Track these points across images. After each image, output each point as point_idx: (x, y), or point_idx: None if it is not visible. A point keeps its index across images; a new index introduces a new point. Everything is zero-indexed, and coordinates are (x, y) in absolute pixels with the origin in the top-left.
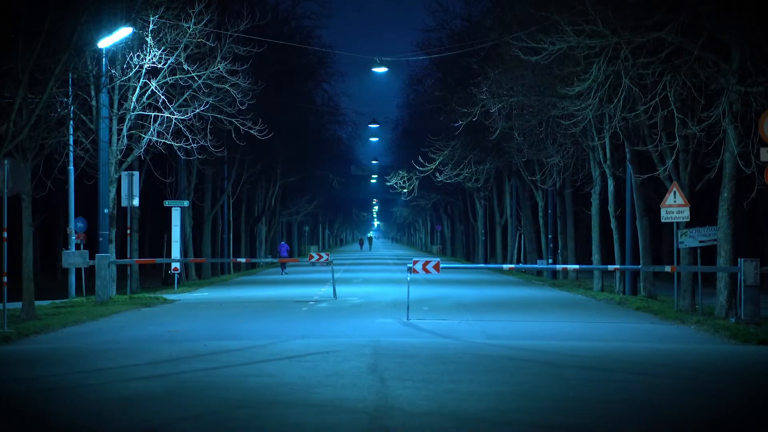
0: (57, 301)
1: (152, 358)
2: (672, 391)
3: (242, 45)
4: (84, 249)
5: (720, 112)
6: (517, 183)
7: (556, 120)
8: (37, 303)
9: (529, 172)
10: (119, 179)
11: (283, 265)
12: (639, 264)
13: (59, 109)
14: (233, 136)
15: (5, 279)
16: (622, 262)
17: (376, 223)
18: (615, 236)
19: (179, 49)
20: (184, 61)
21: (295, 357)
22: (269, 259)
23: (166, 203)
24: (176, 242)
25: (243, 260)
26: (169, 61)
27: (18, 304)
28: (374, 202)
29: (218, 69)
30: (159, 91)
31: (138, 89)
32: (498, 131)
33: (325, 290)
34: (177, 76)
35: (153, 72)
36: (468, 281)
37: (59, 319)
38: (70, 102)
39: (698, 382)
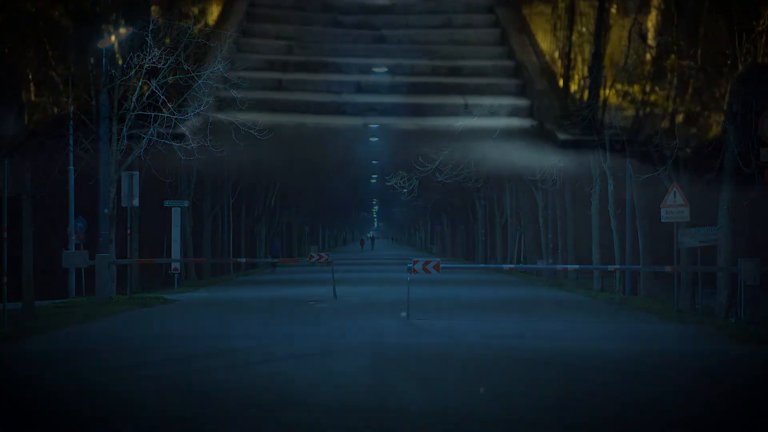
0: (57, 301)
1: (152, 358)
2: (671, 391)
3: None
4: (84, 249)
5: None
6: (516, 182)
7: None
8: (37, 303)
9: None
10: (119, 179)
11: (273, 264)
12: (639, 264)
13: (59, 109)
14: (233, 136)
15: (5, 279)
16: (622, 262)
17: (376, 223)
18: (615, 236)
19: (179, 49)
20: (184, 61)
21: (295, 357)
22: (269, 259)
23: (166, 203)
24: (176, 242)
25: (243, 260)
26: (169, 61)
27: (18, 304)
28: (374, 202)
29: (218, 69)
30: (159, 91)
31: (138, 89)
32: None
33: (325, 290)
34: (177, 76)
35: (153, 72)
36: (468, 281)
37: (59, 319)
38: (70, 102)
39: (698, 382)
